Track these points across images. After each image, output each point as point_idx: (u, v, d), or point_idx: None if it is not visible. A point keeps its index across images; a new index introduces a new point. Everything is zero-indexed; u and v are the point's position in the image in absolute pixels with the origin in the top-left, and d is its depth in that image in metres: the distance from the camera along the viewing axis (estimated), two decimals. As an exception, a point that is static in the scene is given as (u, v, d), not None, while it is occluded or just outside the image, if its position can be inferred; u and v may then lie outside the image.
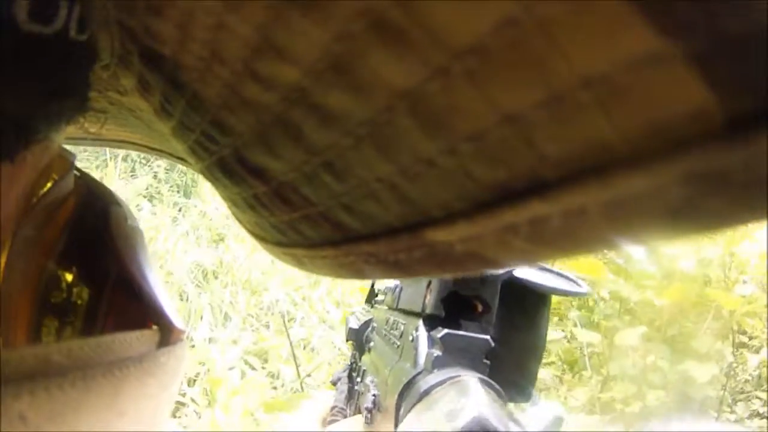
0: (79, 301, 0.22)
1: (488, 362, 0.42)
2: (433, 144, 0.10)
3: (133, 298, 0.21)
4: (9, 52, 0.17)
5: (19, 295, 0.21)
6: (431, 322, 0.45)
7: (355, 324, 0.71)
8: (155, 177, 2.31)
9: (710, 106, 0.08)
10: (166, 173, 2.33)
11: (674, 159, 0.08)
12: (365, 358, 0.64)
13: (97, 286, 0.22)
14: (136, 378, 0.18)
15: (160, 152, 0.28)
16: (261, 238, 0.19)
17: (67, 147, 0.22)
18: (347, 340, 0.74)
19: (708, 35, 0.07)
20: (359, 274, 0.15)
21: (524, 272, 0.48)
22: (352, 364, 0.72)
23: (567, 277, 0.54)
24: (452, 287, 0.45)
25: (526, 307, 0.50)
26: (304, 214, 0.15)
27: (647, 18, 0.07)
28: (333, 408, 0.69)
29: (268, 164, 0.15)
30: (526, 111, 0.09)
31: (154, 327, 0.20)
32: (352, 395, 0.68)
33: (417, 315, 0.48)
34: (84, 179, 0.23)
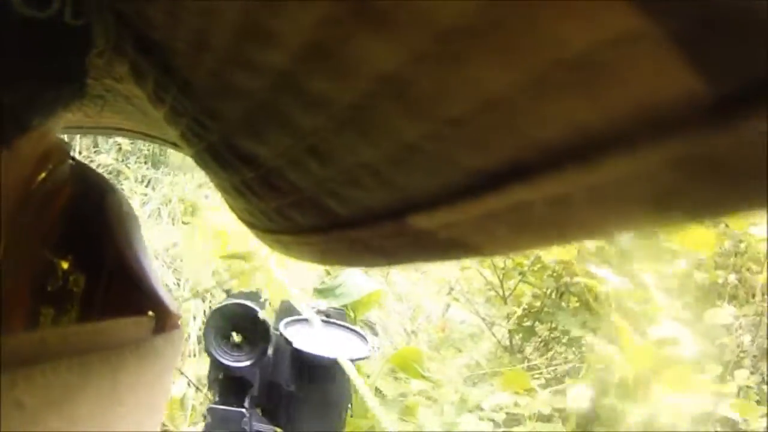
0: (75, 289, 0.22)
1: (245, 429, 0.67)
2: (415, 128, 0.10)
3: (130, 285, 0.21)
4: (4, 37, 0.17)
5: (16, 284, 0.21)
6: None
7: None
8: (119, 150, 2.20)
9: (698, 89, 0.07)
10: (131, 144, 2.22)
11: (661, 142, 0.08)
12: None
13: (94, 273, 0.22)
14: (133, 364, 0.18)
15: (156, 139, 0.28)
16: (251, 225, 0.19)
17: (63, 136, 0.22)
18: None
19: (694, 15, 0.07)
20: (345, 261, 0.15)
21: (305, 342, 0.67)
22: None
23: (355, 332, 0.73)
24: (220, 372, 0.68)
25: (318, 374, 0.69)
26: (292, 200, 0.15)
27: None
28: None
29: (255, 150, 0.15)
30: (508, 93, 0.09)
31: (150, 313, 0.20)
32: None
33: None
34: (80, 167, 0.23)
